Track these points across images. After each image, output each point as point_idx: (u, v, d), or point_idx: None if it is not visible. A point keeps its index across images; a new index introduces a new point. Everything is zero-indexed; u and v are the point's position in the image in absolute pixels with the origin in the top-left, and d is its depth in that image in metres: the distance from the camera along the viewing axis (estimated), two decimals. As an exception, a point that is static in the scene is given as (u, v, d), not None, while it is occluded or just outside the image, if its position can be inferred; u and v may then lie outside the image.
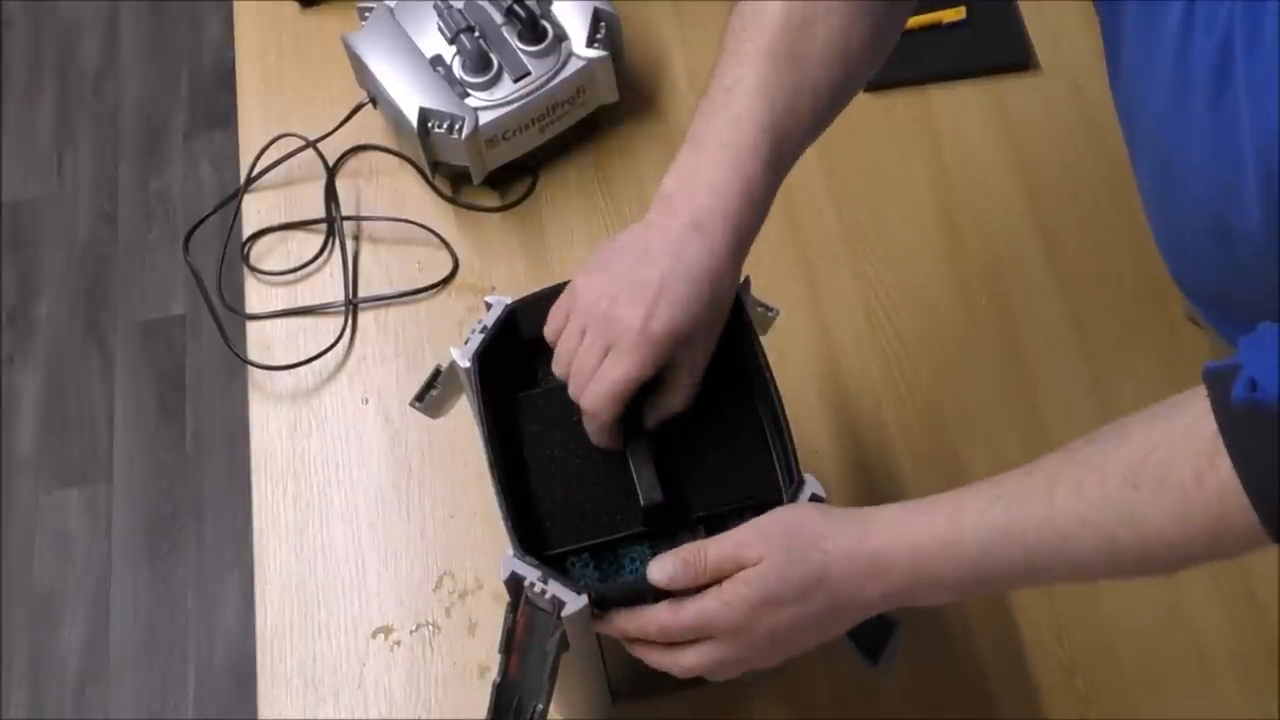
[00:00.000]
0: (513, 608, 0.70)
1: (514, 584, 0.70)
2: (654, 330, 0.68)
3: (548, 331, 0.74)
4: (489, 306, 0.79)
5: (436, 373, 0.75)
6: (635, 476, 0.72)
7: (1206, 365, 0.57)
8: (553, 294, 0.78)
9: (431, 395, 0.76)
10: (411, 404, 0.76)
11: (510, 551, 0.70)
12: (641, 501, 0.72)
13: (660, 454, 0.73)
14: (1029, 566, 0.62)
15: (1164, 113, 0.71)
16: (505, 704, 0.69)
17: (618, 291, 0.69)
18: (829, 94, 0.74)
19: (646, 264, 0.70)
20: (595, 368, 0.70)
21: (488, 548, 0.90)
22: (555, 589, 0.69)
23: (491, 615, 0.87)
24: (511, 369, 0.79)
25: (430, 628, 0.89)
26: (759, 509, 0.70)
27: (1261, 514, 0.54)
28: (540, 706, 0.68)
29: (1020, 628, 0.87)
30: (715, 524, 0.72)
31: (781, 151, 0.72)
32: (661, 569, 0.67)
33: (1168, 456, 0.57)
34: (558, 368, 0.73)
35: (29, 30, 2.33)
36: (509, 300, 0.79)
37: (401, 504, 0.93)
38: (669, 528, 0.73)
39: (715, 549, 0.67)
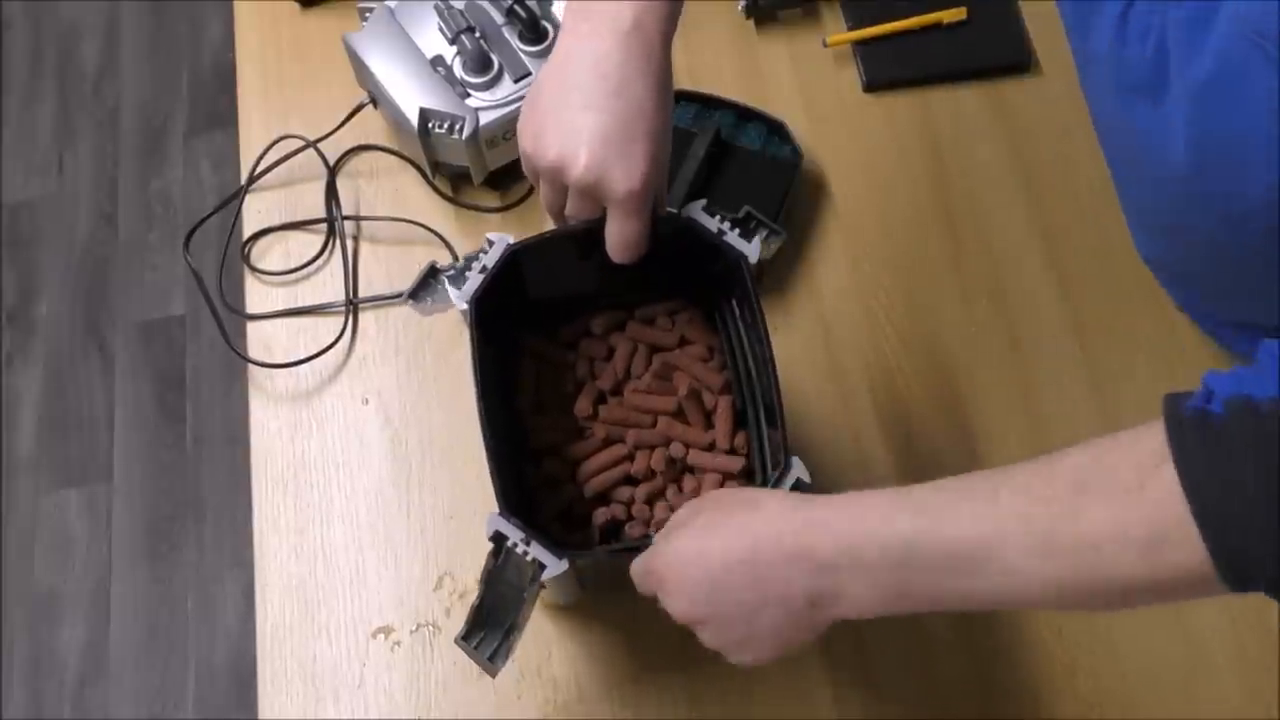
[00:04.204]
0: (494, 555, 0.72)
1: (496, 540, 0.71)
2: (645, 187, 0.73)
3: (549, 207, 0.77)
4: (490, 243, 0.77)
5: (432, 269, 0.75)
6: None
7: (1167, 393, 0.56)
8: (557, 238, 0.77)
9: (425, 296, 0.76)
10: (404, 300, 0.76)
11: (495, 510, 0.70)
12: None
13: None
14: (956, 563, 0.58)
15: (1111, 109, 0.72)
16: (482, 621, 0.72)
17: (604, 152, 0.72)
18: None
19: (618, 103, 0.71)
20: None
21: (488, 548, 0.90)
22: (537, 552, 0.70)
23: (492, 615, 0.87)
24: (511, 316, 0.78)
25: (430, 628, 0.89)
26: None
27: (1199, 520, 0.51)
28: (516, 631, 0.71)
29: (1020, 628, 0.88)
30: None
31: None
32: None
33: (1115, 462, 0.55)
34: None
35: (29, 30, 2.33)
36: (510, 239, 0.77)
37: (401, 504, 0.93)
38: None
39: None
